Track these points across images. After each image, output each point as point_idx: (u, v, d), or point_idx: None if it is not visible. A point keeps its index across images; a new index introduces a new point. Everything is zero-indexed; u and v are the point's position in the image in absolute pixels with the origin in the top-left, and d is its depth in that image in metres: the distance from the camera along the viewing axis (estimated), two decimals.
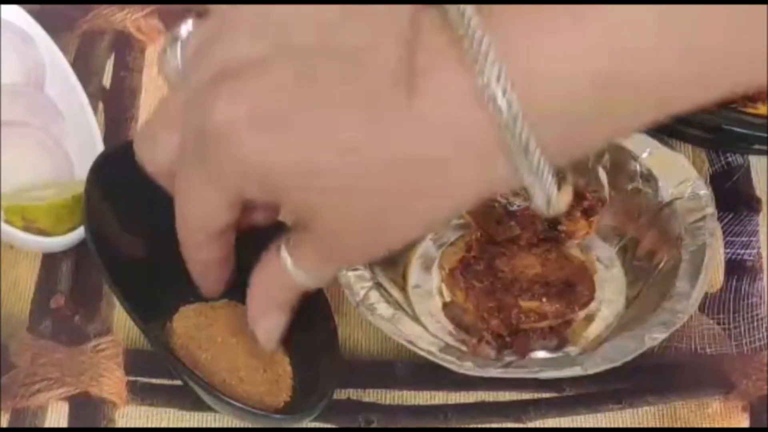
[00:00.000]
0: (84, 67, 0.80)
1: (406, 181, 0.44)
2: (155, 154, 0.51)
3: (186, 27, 0.50)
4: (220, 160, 0.47)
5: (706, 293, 0.70)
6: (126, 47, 0.83)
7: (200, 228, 0.52)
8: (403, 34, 0.44)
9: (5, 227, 0.68)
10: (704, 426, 0.66)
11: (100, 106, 0.79)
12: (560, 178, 0.44)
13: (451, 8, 0.43)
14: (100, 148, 0.73)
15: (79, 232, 0.69)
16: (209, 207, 0.50)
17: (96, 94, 0.79)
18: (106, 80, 0.81)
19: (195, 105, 0.47)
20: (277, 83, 0.45)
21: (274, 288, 0.55)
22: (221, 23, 0.49)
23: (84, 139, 0.74)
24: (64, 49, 0.78)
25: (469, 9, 0.42)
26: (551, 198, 0.44)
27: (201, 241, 0.53)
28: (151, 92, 0.80)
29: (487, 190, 0.46)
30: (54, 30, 0.79)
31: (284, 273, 0.52)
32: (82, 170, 0.69)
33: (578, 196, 0.68)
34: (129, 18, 0.83)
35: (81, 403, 0.65)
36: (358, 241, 0.49)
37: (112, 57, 0.82)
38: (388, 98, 0.43)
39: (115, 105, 0.80)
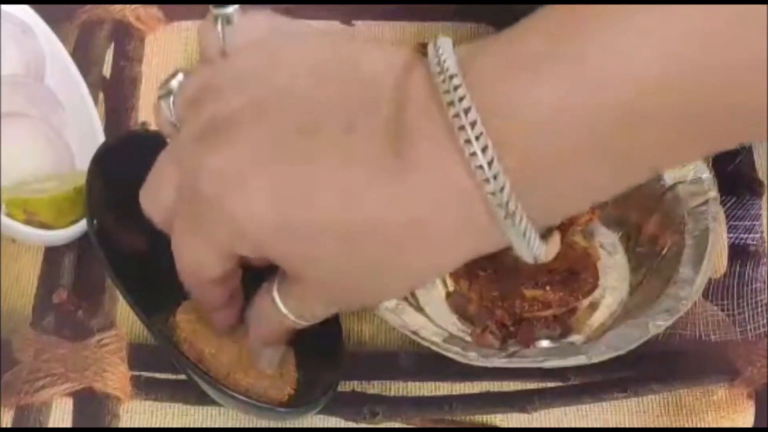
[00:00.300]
0: (84, 57, 0.80)
1: (395, 243, 0.44)
2: (158, 208, 0.51)
3: (177, 79, 0.50)
4: (211, 221, 0.47)
5: (710, 279, 0.70)
6: (125, 37, 0.82)
7: (198, 276, 0.52)
8: (397, 89, 0.43)
9: (7, 221, 0.68)
10: (710, 413, 0.66)
11: (101, 96, 0.79)
12: (547, 229, 0.44)
13: (435, 69, 0.42)
14: (100, 138, 0.73)
15: (81, 225, 0.69)
16: (204, 261, 0.50)
17: (96, 84, 0.79)
18: (106, 70, 0.80)
19: (186, 161, 0.47)
20: (264, 143, 0.45)
21: (268, 327, 0.55)
22: (211, 74, 0.49)
23: (85, 130, 0.74)
24: (63, 40, 0.78)
25: (456, 77, 0.42)
26: (538, 257, 0.44)
27: (201, 286, 0.53)
28: (151, 82, 0.80)
29: (476, 251, 0.45)
30: (53, 20, 0.78)
31: (277, 314, 0.53)
32: (83, 161, 0.69)
33: None
34: (128, 7, 0.82)
35: (85, 398, 0.65)
36: (347, 293, 0.50)
37: (112, 47, 0.82)
38: (378, 161, 0.43)
39: (116, 95, 0.79)
